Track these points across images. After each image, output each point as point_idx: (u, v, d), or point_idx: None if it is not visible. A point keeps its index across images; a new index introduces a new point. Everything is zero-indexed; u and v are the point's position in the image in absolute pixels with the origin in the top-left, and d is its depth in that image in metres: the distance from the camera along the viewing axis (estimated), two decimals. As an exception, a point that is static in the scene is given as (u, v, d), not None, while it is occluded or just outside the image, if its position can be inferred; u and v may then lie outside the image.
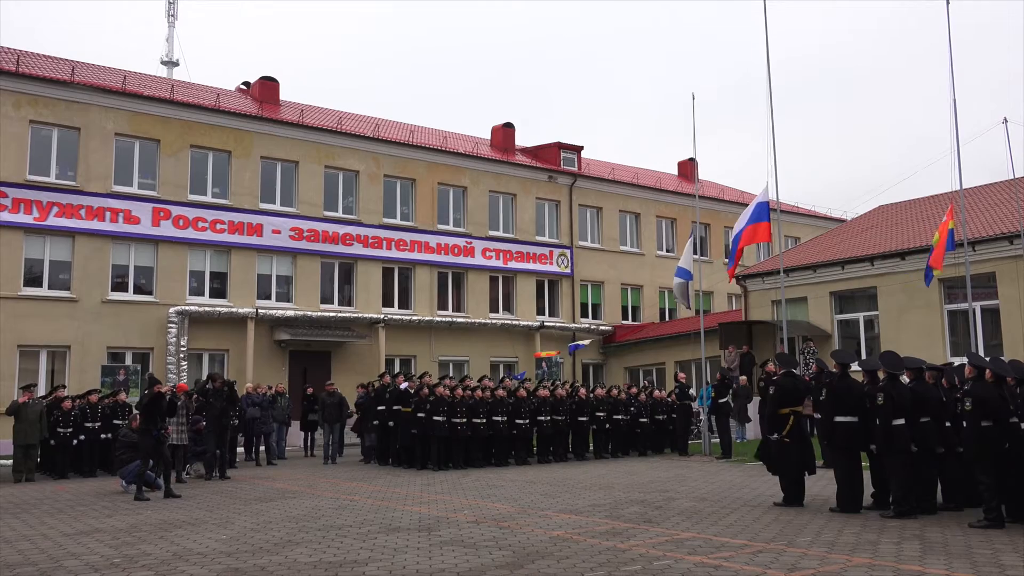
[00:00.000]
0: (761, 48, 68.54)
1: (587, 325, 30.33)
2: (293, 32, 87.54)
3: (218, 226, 23.64)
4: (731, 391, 18.93)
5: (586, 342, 27.50)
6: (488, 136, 33.36)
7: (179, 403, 12.67)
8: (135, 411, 13.91)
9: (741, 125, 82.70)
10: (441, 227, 27.84)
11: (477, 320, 27.68)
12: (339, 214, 26.03)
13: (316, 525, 8.71)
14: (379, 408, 16.36)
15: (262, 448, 17.99)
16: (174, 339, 22.31)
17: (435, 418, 15.16)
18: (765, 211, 15.69)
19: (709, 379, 20.81)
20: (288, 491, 12.17)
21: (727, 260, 15.54)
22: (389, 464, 16.23)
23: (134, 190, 22.82)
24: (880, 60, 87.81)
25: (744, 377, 19.36)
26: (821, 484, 11.19)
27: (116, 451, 13.33)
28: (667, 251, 33.56)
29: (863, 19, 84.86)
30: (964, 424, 8.37)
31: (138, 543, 7.87)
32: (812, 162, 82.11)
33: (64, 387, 17.15)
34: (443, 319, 27.00)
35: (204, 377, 20.19)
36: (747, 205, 36.91)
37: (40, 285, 21.39)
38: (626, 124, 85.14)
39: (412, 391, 15.86)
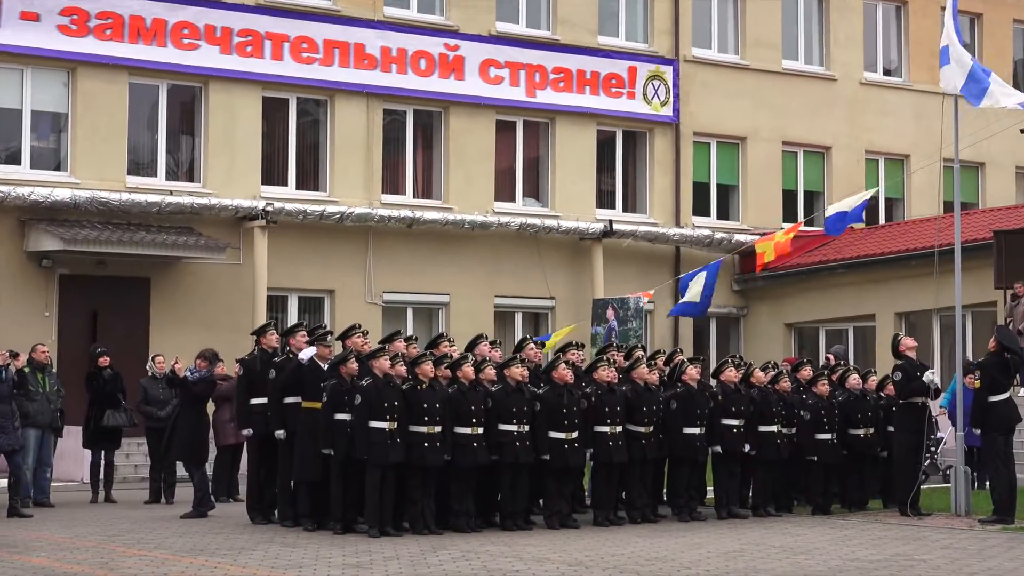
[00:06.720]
0: None
1: (707, 232, 30.31)
2: None
3: None
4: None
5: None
6: None
7: None
8: None
9: None
10: (392, 14, 27.88)
11: (467, 216, 27.96)
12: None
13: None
14: (253, 401, 16.57)
15: (2, 482, 18.21)
16: None
17: (374, 424, 15.19)
18: None
19: (970, 355, 20.58)
20: (58, 573, 12.26)
21: None
22: (273, 519, 16.42)
23: None
24: None
25: None
26: None
27: None
28: (884, 73, 33.72)
29: None
30: None
31: None
32: None
33: None
34: (393, 213, 27.21)
35: None
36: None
37: None
38: None
39: (325, 365, 15.95)
